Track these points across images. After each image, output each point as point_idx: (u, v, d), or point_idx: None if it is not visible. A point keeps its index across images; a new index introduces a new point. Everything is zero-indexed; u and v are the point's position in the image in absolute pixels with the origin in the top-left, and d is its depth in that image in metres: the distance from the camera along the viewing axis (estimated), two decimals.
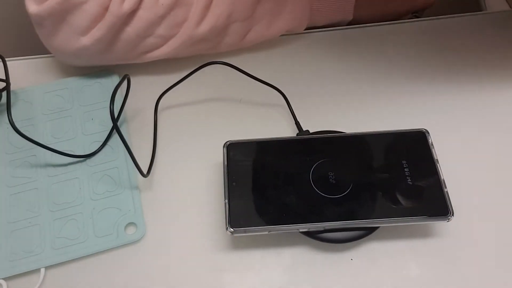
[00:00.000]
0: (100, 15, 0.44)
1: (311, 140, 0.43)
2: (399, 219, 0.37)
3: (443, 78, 0.49)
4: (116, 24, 0.44)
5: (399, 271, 0.39)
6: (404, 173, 0.39)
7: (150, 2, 0.45)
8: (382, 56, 0.52)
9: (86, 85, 0.50)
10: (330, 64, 0.51)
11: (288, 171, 0.40)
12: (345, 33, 0.54)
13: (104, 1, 0.44)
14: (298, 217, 0.38)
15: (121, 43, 0.46)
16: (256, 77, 0.47)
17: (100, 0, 0.44)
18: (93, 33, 0.45)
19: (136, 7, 0.44)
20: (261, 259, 0.40)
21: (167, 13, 0.45)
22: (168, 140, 0.47)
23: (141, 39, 0.46)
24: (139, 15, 0.45)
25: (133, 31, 0.45)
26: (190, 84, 0.47)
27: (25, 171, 0.44)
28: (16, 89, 0.50)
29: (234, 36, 0.49)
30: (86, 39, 0.45)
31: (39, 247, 0.40)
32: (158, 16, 0.45)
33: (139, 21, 0.45)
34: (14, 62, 0.52)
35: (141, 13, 0.45)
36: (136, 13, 0.45)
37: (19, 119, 0.47)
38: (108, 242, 0.40)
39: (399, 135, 0.42)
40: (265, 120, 0.47)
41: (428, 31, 0.53)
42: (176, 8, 0.46)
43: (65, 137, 0.47)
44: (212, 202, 0.42)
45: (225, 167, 0.40)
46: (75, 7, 0.44)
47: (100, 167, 0.44)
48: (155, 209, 0.43)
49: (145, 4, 0.45)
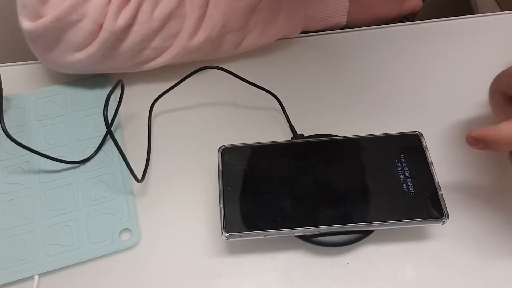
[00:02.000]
0: (95, 32, 0.44)
1: (306, 144, 0.43)
2: (394, 222, 0.37)
3: (435, 81, 0.50)
4: (110, 40, 0.44)
5: (395, 274, 0.39)
6: (399, 176, 0.39)
7: (144, 16, 0.45)
8: (376, 59, 0.52)
9: (80, 90, 0.50)
10: (324, 68, 0.51)
11: (283, 175, 0.40)
12: (339, 37, 0.54)
13: (99, 18, 0.43)
14: (294, 221, 0.37)
15: (116, 56, 0.46)
16: (250, 82, 0.47)
17: (94, 18, 0.43)
18: (88, 49, 0.45)
19: (130, 22, 0.44)
20: (256, 263, 0.40)
21: (162, 27, 0.45)
22: (163, 145, 0.46)
23: (136, 52, 0.46)
24: (134, 30, 0.45)
25: (127, 45, 0.45)
26: (184, 89, 0.47)
27: (18, 177, 0.44)
28: (9, 95, 0.49)
29: (228, 45, 0.49)
30: (80, 54, 0.45)
31: (32, 254, 0.40)
32: (152, 30, 0.45)
33: (133, 36, 0.45)
34: (6, 68, 0.52)
35: (136, 28, 0.45)
36: (131, 28, 0.45)
37: (12, 125, 0.47)
38: (102, 248, 0.40)
39: (393, 138, 0.42)
40: (260, 124, 0.47)
41: (421, 35, 0.54)
42: (171, 21, 0.46)
43: (59, 143, 0.46)
44: (207, 207, 0.42)
45: (220, 172, 0.40)
46: (69, 25, 0.43)
47: (94, 173, 0.44)
48: (149, 215, 0.42)
49: (140, 19, 0.45)
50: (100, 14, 0.43)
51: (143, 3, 0.44)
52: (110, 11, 0.43)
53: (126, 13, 0.44)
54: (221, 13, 0.46)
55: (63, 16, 0.42)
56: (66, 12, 0.42)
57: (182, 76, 0.47)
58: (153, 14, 0.45)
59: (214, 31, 0.47)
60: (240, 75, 0.47)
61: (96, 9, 0.43)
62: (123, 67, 0.48)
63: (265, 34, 0.50)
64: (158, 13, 0.45)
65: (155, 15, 0.45)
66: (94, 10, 0.43)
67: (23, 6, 0.44)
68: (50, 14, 0.43)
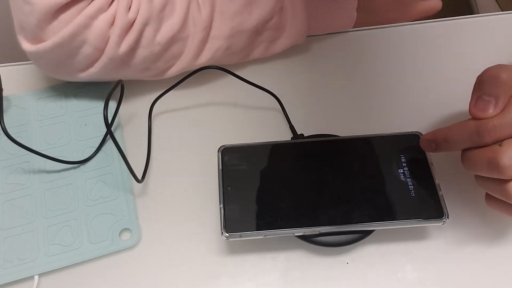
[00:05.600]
0: (96, 56, 0.44)
1: (306, 144, 0.43)
2: (394, 222, 0.37)
3: (435, 81, 0.50)
4: (112, 64, 0.44)
5: (395, 274, 0.39)
6: (399, 176, 0.39)
7: (147, 41, 0.44)
8: (375, 59, 0.52)
9: (80, 90, 0.50)
10: (324, 68, 0.51)
11: (283, 175, 0.40)
12: (340, 37, 0.54)
13: (100, 44, 0.43)
14: (294, 221, 0.37)
15: (119, 75, 0.46)
16: (250, 82, 0.47)
17: (95, 44, 0.43)
18: (90, 70, 0.45)
19: (133, 47, 0.44)
20: (256, 263, 0.40)
21: (164, 50, 0.45)
22: (163, 145, 0.46)
23: (138, 71, 0.47)
24: (137, 53, 0.45)
25: (129, 67, 0.46)
26: (184, 89, 0.47)
27: (18, 177, 0.44)
28: (8, 95, 0.49)
29: (231, 61, 0.49)
30: (83, 74, 0.46)
31: (32, 254, 0.40)
32: (154, 54, 0.45)
33: (136, 59, 0.45)
34: (6, 68, 0.52)
35: (138, 52, 0.45)
36: (134, 52, 0.45)
37: (12, 125, 0.47)
38: (102, 248, 0.40)
39: (393, 138, 0.42)
40: (260, 124, 0.47)
41: (421, 35, 0.54)
42: (173, 45, 0.46)
43: (59, 143, 0.46)
44: (207, 207, 0.42)
45: (220, 172, 0.40)
46: (70, 51, 0.43)
47: (94, 173, 0.44)
48: (150, 215, 0.42)
49: (143, 43, 0.44)
50: (101, 40, 0.43)
51: (146, 28, 0.44)
52: (112, 37, 0.43)
53: (128, 40, 0.43)
54: (225, 36, 0.46)
55: (63, 43, 0.42)
56: (66, 39, 0.42)
57: (182, 76, 0.47)
58: (156, 38, 0.44)
59: (218, 53, 0.47)
60: (240, 75, 0.47)
61: (96, 36, 0.43)
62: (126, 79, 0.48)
63: (269, 50, 0.50)
64: (161, 38, 0.45)
65: (158, 40, 0.44)
66: (95, 36, 0.43)
67: (21, 28, 0.43)
68: (51, 41, 0.42)
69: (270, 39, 0.49)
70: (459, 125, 0.36)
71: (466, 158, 0.36)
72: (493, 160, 0.33)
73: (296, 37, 0.50)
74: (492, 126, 0.34)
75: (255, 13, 0.47)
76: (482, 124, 0.34)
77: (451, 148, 0.37)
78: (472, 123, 0.35)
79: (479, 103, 0.35)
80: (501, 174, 0.33)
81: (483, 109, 0.34)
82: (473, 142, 0.35)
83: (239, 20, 0.46)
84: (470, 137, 0.35)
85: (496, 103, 0.34)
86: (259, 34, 0.48)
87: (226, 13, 0.46)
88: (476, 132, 0.34)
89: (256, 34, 0.48)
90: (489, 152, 0.33)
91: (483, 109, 0.34)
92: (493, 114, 0.34)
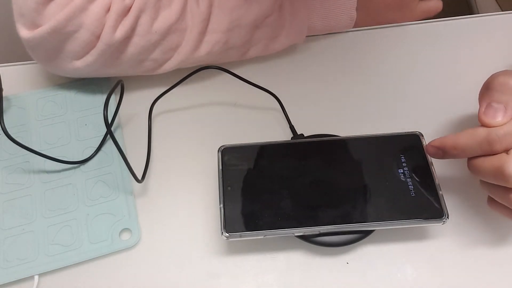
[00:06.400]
0: (92, 42, 0.44)
1: (306, 144, 0.43)
2: (395, 222, 0.37)
3: (435, 81, 0.50)
4: (108, 51, 0.44)
5: (395, 274, 0.39)
6: (399, 176, 0.39)
7: (143, 29, 0.44)
8: (375, 59, 0.52)
9: (80, 90, 0.50)
10: (324, 68, 0.51)
11: (283, 175, 0.40)
12: (339, 37, 0.54)
13: (95, 29, 0.43)
14: (293, 221, 0.37)
15: (115, 66, 0.46)
16: (250, 82, 0.47)
17: (91, 29, 0.43)
18: (86, 58, 0.45)
19: (129, 35, 0.44)
20: (256, 263, 0.40)
21: (161, 40, 0.45)
22: (163, 145, 0.46)
23: (136, 62, 0.46)
24: (133, 42, 0.45)
25: (126, 56, 0.45)
26: (184, 89, 0.47)
27: (18, 177, 0.44)
28: (8, 95, 0.49)
29: (230, 57, 0.49)
30: (79, 62, 0.45)
31: (32, 254, 0.40)
32: (151, 43, 0.45)
33: (132, 47, 0.45)
34: (6, 68, 0.52)
35: (134, 40, 0.45)
36: (129, 40, 0.45)
37: (12, 125, 0.47)
38: (102, 248, 0.40)
39: (393, 138, 0.42)
40: (260, 124, 0.47)
41: (421, 35, 0.54)
42: (170, 35, 0.45)
43: (59, 143, 0.46)
44: (207, 207, 0.42)
45: (220, 172, 0.40)
46: (66, 35, 0.43)
47: (94, 173, 0.44)
48: (150, 215, 0.42)
49: (138, 31, 0.44)
50: (97, 25, 0.43)
51: (142, 15, 0.44)
52: (108, 22, 0.43)
53: (124, 26, 0.43)
54: (224, 29, 0.46)
55: (60, 27, 0.42)
56: (62, 23, 0.42)
57: (182, 76, 0.47)
58: (153, 27, 0.44)
59: (216, 47, 0.47)
60: (240, 75, 0.47)
61: (92, 20, 0.43)
62: (123, 74, 0.48)
63: (268, 48, 0.50)
64: (158, 27, 0.45)
65: (154, 28, 0.45)
66: (91, 21, 0.43)
67: (20, 14, 0.44)
68: (47, 25, 0.42)
69: (269, 37, 0.49)
70: (468, 132, 0.36)
71: (473, 164, 0.36)
72: (500, 168, 0.33)
73: (296, 36, 0.50)
74: (502, 135, 0.34)
75: (254, 8, 0.47)
76: (492, 132, 0.34)
77: (460, 156, 0.36)
78: (482, 131, 0.35)
79: (489, 110, 0.35)
80: (507, 183, 0.33)
81: (492, 116, 0.34)
82: (483, 150, 0.35)
83: (238, 14, 0.46)
84: (480, 145, 0.35)
85: (506, 110, 0.34)
86: (258, 30, 0.48)
87: (225, 7, 0.46)
88: (486, 140, 0.34)
89: (255, 29, 0.48)
90: (496, 161, 0.33)
91: (492, 116, 0.34)
92: (503, 122, 0.34)
